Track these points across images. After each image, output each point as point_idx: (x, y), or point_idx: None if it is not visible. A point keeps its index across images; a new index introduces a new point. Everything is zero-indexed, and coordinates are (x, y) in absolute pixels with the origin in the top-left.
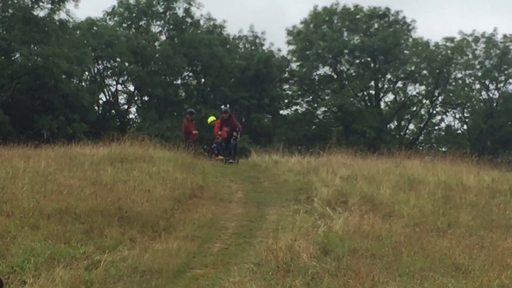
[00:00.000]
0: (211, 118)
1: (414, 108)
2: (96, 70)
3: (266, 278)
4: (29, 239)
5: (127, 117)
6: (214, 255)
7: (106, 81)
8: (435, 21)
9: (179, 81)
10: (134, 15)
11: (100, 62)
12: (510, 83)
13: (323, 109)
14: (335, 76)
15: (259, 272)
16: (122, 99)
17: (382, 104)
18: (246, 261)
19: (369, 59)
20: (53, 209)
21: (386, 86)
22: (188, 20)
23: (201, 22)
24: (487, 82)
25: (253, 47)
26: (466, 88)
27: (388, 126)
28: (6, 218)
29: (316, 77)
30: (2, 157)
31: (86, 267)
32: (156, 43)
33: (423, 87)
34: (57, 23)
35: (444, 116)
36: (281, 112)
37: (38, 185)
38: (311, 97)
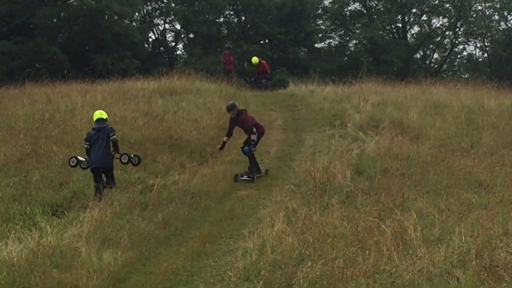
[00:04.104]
0: (255, 59)
1: (438, 39)
2: (145, 11)
3: (305, 197)
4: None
5: (175, 53)
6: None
7: (154, 21)
8: None
9: (221, 19)
10: None
11: (148, 3)
12: None
13: (354, 42)
14: (365, 11)
15: (299, 192)
16: (169, 37)
17: (409, 36)
18: (287, 182)
19: None
20: None
21: (412, 19)
22: None
23: None
24: (505, 13)
25: None
26: (486, 19)
27: (414, 56)
28: (67, 148)
29: (347, 13)
30: (62, 93)
31: (140, 191)
32: None
33: (446, 19)
34: None
35: (466, 46)
36: (315, 45)
37: None
38: (343, 31)
